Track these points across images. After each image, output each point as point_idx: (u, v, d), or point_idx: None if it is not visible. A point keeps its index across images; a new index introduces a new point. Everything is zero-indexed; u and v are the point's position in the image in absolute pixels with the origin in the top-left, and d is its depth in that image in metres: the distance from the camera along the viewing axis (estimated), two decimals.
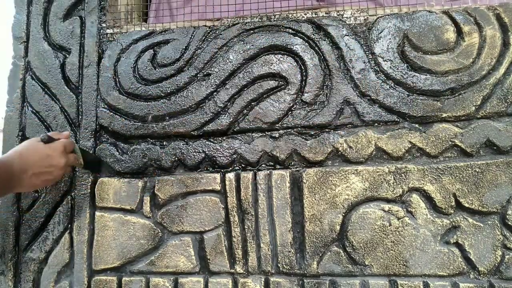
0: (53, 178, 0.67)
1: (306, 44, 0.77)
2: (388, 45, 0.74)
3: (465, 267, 0.66)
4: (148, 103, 0.79)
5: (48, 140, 0.67)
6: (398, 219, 0.69)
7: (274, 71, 0.76)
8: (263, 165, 0.75)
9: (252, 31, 0.79)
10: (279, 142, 0.74)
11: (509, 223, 0.65)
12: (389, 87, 0.73)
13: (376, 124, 0.73)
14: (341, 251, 0.69)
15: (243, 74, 0.77)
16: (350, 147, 0.72)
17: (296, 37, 0.77)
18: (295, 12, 0.81)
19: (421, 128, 0.71)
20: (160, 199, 0.76)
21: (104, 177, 0.79)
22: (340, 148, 0.72)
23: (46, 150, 0.65)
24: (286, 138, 0.74)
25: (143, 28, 0.85)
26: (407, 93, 0.72)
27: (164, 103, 0.79)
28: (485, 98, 0.70)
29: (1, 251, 0.79)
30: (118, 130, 0.80)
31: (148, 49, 0.82)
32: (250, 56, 0.78)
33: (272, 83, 0.76)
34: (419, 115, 0.71)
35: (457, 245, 0.67)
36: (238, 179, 0.74)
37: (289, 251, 0.71)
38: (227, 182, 0.74)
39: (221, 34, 0.80)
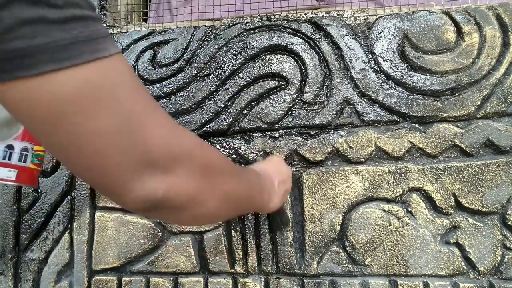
0: (288, 189, 0.59)
1: (306, 44, 0.76)
2: (388, 45, 0.74)
3: (465, 267, 0.66)
4: None
5: None
6: (398, 219, 0.68)
7: (274, 71, 0.76)
8: None
9: (252, 31, 0.79)
10: (279, 142, 0.74)
11: (509, 223, 0.65)
12: (389, 87, 0.73)
13: (376, 124, 0.73)
14: (341, 251, 0.69)
15: (243, 74, 0.77)
16: (350, 147, 0.72)
17: (296, 37, 0.77)
18: (295, 12, 0.81)
19: (421, 128, 0.71)
20: None
21: None
22: (340, 148, 0.72)
23: (273, 158, 0.62)
24: (286, 138, 0.74)
25: (143, 28, 0.85)
26: (407, 93, 0.72)
27: (164, 103, 0.79)
28: (485, 98, 0.70)
29: (1, 251, 0.79)
30: None
31: (148, 49, 0.82)
32: (250, 56, 0.78)
33: (272, 83, 0.76)
34: (419, 115, 0.71)
35: (457, 245, 0.66)
36: None
37: (289, 251, 0.71)
38: None
39: (221, 34, 0.80)
